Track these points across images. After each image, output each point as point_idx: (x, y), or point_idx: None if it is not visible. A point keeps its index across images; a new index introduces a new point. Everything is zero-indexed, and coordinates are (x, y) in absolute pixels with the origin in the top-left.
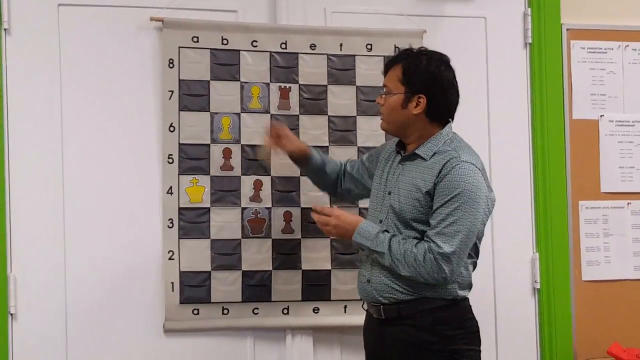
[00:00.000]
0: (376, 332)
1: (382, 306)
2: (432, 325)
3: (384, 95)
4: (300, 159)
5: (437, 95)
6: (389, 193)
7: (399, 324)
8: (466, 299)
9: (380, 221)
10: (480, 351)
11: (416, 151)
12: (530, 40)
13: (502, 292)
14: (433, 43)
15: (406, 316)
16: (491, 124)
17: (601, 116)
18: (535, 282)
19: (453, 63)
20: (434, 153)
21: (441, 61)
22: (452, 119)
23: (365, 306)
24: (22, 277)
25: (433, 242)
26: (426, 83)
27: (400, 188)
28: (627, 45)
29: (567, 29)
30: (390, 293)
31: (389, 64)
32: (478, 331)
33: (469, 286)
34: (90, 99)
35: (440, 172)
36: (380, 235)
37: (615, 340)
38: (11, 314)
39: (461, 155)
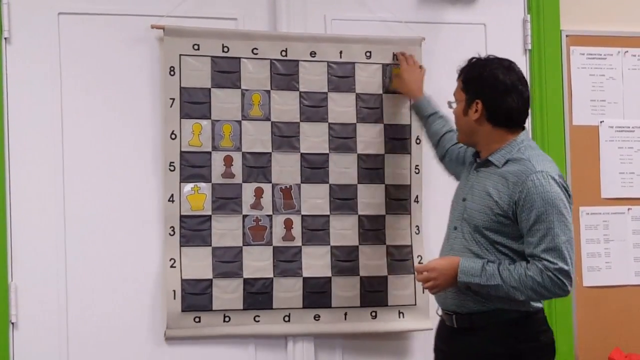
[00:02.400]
0: (447, 340)
1: (454, 315)
2: (504, 338)
3: (453, 106)
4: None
5: (493, 99)
6: (464, 199)
7: (470, 334)
8: (541, 311)
9: (455, 228)
10: None
11: (489, 158)
12: (530, 47)
13: None
14: (433, 49)
15: (478, 327)
16: None
17: (601, 122)
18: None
19: (453, 69)
20: (507, 160)
21: (499, 65)
22: (522, 124)
23: (439, 312)
24: (23, 285)
25: (545, 259)
26: (482, 87)
27: (474, 195)
28: (627, 51)
29: (567, 35)
30: (464, 303)
31: (458, 75)
32: (552, 344)
33: None
34: (91, 107)
35: (515, 184)
36: (487, 268)
37: (616, 346)
38: (12, 323)
39: (535, 165)
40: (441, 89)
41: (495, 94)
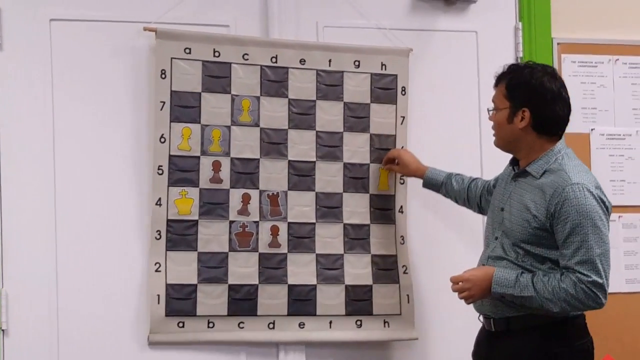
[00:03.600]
0: (486, 344)
1: (492, 319)
2: (539, 342)
3: (492, 112)
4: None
5: (541, 107)
6: (502, 209)
7: (507, 337)
8: (579, 317)
9: (496, 238)
10: None
11: (527, 168)
12: (521, 54)
13: None
14: (425, 57)
15: (515, 331)
16: (483, 138)
17: (592, 130)
18: None
19: (444, 77)
20: (545, 171)
21: (544, 72)
22: (563, 132)
23: (481, 318)
24: (13, 292)
25: (579, 272)
26: (529, 96)
27: (512, 206)
28: (617, 59)
29: (558, 43)
30: (500, 308)
31: (497, 81)
32: (589, 351)
33: None
34: (82, 110)
35: (552, 196)
36: (521, 279)
37: (607, 354)
38: (2, 330)
39: (572, 177)
40: (433, 95)
41: (544, 102)
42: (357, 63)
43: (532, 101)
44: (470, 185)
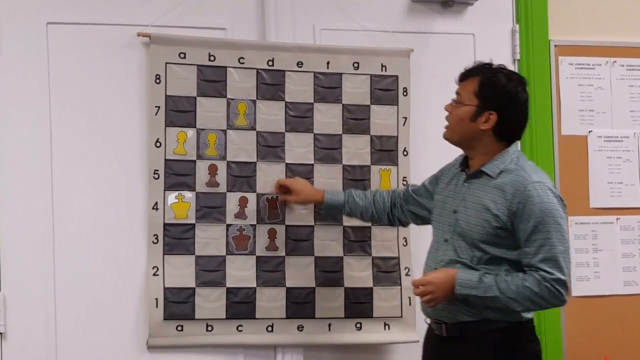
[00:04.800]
0: (436, 349)
1: (444, 324)
2: (494, 347)
3: (453, 103)
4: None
5: (509, 114)
6: (455, 212)
7: (460, 343)
8: (530, 321)
9: (446, 240)
10: None
11: (482, 169)
12: (518, 57)
13: None
14: (422, 60)
15: (468, 337)
16: None
17: (590, 132)
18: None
19: (442, 79)
20: (501, 171)
21: (519, 82)
22: (519, 139)
23: (428, 320)
24: (11, 296)
25: (542, 270)
26: (501, 101)
27: (467, 208)
28: (615, 61)
29: (555, 45)
30: (453, 313)
31: (467, 74)
32: (540, 353)
33: None
34: (79, 115)
35: (513, 195)
36: (485, 280)
37: (605, 356)
38: (0, 333)
39: (532, 176)
40: (430, 98)
41: (513, 111)
42: (356, 65)
43: (503, 107)
44: (375, 198)
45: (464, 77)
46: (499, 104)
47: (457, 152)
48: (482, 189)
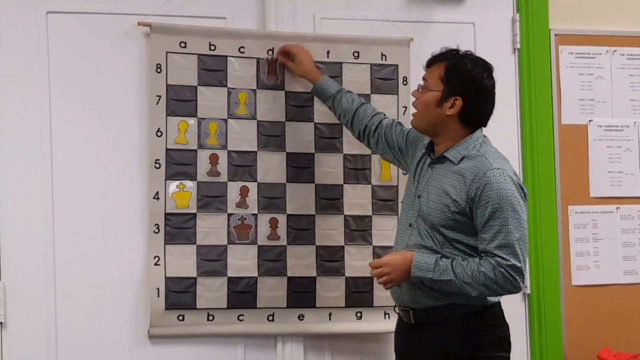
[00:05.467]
0: (406, 336)
1: (411, 311)
2: (461, 331)
3: (420, 89)
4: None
5: (474, 100)
6: (419, 197)
7: (428, 329)
8: (497, 305)
9: (410, 225)
10: (509, 358)
11: (445, 154)
12: (518, 46)
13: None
14: (422, 49)
15: (435, 322)
16: None
17: (590, 121)
18: (525, 287)
19: None
20: (463, 157)
21: (484, 68)
22: (485, 126)
23: (397, 309)
24: (11, 285)
25: (498, 256)
26: (465, 86)
27: (429, 192)
28: (615, 50)
29: (556, 34)
30: (420, 298)
31: (433, 60)
32: (508, 337)
33: None
34: (79, 104)
35: (472, 181)
36: (440, 263)
37: (605, 345)
38: (1, 323)
39: (492, 163)
40: None
41: (478, 97)
42: (356, 54)
43: (468, 92)
44: (359, 110)
45: (431, 63)
46: (464, 89)
47: None
48: (444, 174)
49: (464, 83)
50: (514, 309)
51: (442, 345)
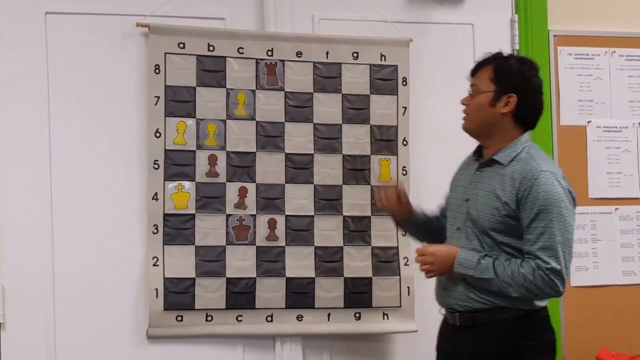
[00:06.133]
0: (450, 338)
1: (457, 313)
2: (505, 335)
3: (470, 95)
4: (406, 221)
5: (527, 97)
6: (467, 200)
7: (472, 331)
8: (543, 310)
9: (458, 228)
10: None
11: (494, 157)
12: (517, 47)
13: None
14: (421, 49)
15: (480, 325)
16: None
17: (588, 122)
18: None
19: (441, 69)
20: (512, 159)
21: (532, 66)
22: (534, 127)
23: (443, 311)
24: (10, 286)
25: (539, 258)
26: (517, 83)
27: (478, 195)
28: (614, 51)
29: (554, 35)
30: (466, 301)
31: (479, 65)
32: (553, 342)
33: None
34: (77, 105)
35: (521, 182)
36: (483, 262)
37: (604, 346)
38: (0, 323)
39: (541, 165)
40: (429, 88)
41: (531, 92)
42: (355, 54)
43: (520, 89)
44: (434, 217)
45: (477, 68)
46: (516, 86)
47: (455, 142)
48: (493, 177)
49: (515, 80)
50: None
51: (486, 348)
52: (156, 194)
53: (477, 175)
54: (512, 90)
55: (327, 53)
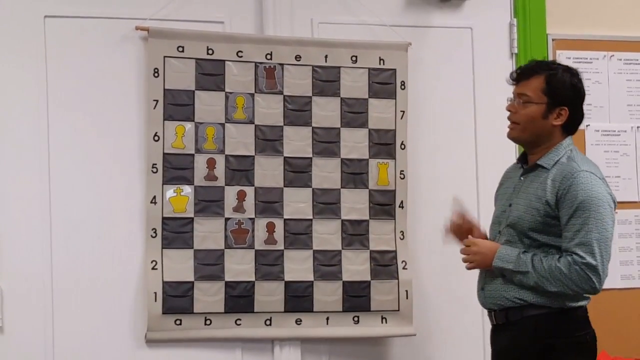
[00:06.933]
0: (492, 337)
1: (493, 312)
2: (535, 332)
3: (518, 103)
4: None
5: (577, 108)
6: (510, 205)
7: (507, 329)
8: (579, 309)
9: (499, 232)
10: None
11: (538, 162)
12: (516, 51)
13: None
14: (420, 53)
15: (513, 322)
16: (478, 134)
17: (587, 126)
18: None
19: (440, 73)
20: (555, 163)
21: (579, 76)
22: (575, 132)
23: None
24: (9, 290)
25: (575, 253)
26: (570, 95)
27: (520, 199)
28: (613, 55)
29: (553, 39)
30: (501, 300)
31: (526, 73)
32: (589, 342)
33: (582, 296)
34: (76, 108)
35: (561, 182)
36: (522, 256)
37: (602, 349)
38: None
39: (581, 166)
40: (428, 92)
41: (579, 104)
42: (354, 58)
43: (572, 101)
44: None
45: (524, 76)
46: (569, 98)
47: (455, 148)
48: (535, 180)
49: (568, 92)
50: None
51: (518, 343)
52: (155, 197)
53: (521, 181)
54: (564, 103)
55: (326, 57)
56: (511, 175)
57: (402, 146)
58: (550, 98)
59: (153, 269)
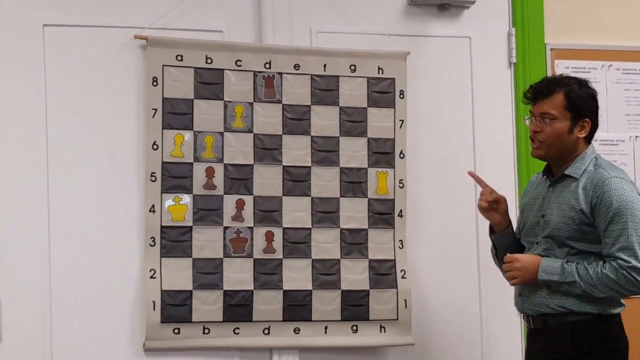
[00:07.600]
0: (529, 341)
1: (531, 317)
2: (572, 338)
3: (542, 122)
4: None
5: (596, 118)
6: (543, 216)
7: (544, 333)
8: (615, 316)
9: (537, 243)
10: None
11: (566, 172)
12: (514, 60)
13: (489, 309)
14: (418, 62)
15: (551, 327)
16: (477, 144)
17: None
18: None
19: (438, 82)
20: (583, 172)
21: (590, 85)
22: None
23: (524, 317)
24: (7, 299)
25: (619, 258)
26: (591, 106)
27: (553, 209)
28: (611, 65)
29: (551, 49)
30: (541, 307)
31: (543, 92)
32: (623, 349)
33: (620, 302)
34: (75, 117)
35: (593, 191)
36: (566, 267)
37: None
38: None
39: (610, 172)
40: (426, 101)
41: (597, 113)
42: (353, 67)
43: (593, 112)
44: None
45: (541, 94)
46: (590, 110)
47: (453, 157)
48: (566, 190)
49: (589, 104)
50: (509, 319)
51: (555, 347)
52: (153, 206)
53: (550, 191)
54: (586, 115)
55: (324, 66)
56: (536, 187)
57: (401, 155)
58: (572, 113)
59: (152, 277)
